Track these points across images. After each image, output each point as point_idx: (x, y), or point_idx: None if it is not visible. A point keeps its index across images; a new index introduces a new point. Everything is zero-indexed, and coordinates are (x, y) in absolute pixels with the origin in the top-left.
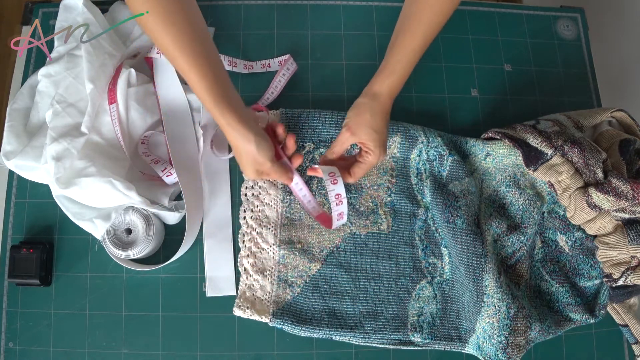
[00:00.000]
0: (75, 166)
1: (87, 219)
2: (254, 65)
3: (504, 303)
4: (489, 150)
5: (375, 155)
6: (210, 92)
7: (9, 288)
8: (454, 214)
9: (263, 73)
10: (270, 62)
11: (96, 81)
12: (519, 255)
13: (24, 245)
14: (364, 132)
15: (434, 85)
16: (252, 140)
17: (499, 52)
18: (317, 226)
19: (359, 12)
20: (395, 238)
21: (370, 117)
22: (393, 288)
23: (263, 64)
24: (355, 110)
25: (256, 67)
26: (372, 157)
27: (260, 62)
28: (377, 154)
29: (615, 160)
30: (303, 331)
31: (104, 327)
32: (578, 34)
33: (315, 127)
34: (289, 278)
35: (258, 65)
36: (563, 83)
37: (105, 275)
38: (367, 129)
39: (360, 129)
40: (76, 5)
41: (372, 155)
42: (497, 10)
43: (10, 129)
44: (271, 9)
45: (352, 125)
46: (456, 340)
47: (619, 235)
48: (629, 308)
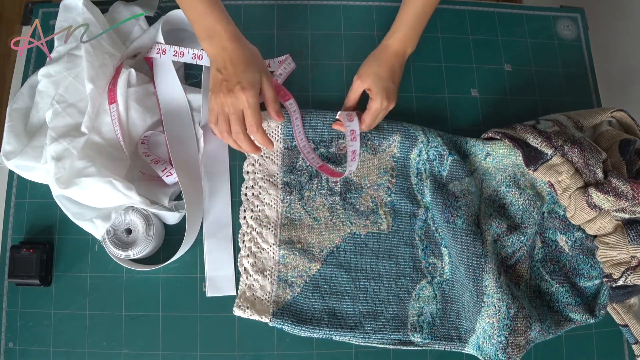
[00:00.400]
0: (75, 166)
1: (87, 219)
2: None
3: (503, 303)
4: (489, 150)
5: (378, 102)
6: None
7: (9, 288)
8: (454, 214)
9: None
10: (270, 62)
11: (96, 81)
12: (519, 255)
13: (24, 245)
14: (370, 79)
15: (434, 85)
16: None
17: (499, 52)
18: (317, 226)
19: (359, 12)
20: (395, 238)
21: (376, 66)
22: (393, 288)
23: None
24: (366, 61)
25: None
26: (375, 103)
27: None
28: (380, 101)
29: (615, 160)
30: (303, 331)
31: (104, 327)
32: (578, 34)
33: (315, 127)
34: (289, 278)
35: None
36: (563, 83)
37: (105, 275)
38: (373, 75)
39: (367, 75)
40: (76, 5)
41: (375, 102)
42: (497, 10)
43: (10, 129)
44: (271, 9)
45: (362, 73)
46: (456, 340)
47: (619, 235)
48: (629, 308)
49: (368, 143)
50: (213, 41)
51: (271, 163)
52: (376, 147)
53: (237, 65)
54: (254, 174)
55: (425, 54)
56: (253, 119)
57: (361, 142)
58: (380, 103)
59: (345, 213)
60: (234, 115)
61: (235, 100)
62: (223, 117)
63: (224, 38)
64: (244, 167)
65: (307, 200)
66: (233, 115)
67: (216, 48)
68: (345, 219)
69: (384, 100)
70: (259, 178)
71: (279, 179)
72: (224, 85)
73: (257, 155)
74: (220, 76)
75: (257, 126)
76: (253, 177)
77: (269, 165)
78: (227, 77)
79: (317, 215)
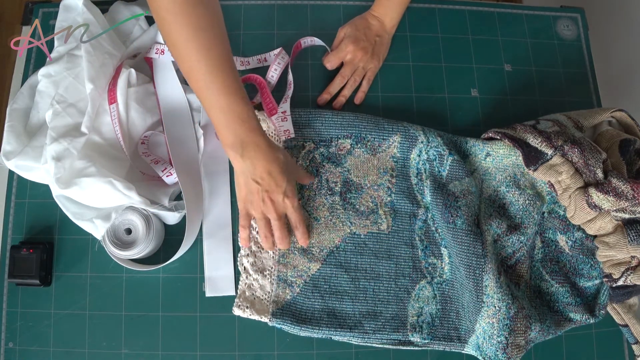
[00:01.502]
0: (75, 166)
1: (87, 219)
2: (250, 61)
3: (503, 303)
4: (489, 150)
5: (344, 43)
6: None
7: (9, 288)
8: (453, 214)
9: (259, 68)
10: (266, 56)
11: (96, 81)
12: (519, 255)
13: (24, 245)
14: (347, 26)
15: (434, 85)
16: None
17: (499, 52)
18: (317, 226)
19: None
20: (395, 238)
21: (357, 19)
22: (393, 288)
23: (259, 58)
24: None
25: (253, 63)
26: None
27: (257, 57)
28: (346, 43)
29: (615, 160)
30: (302, 331)
31: (104, 327)
32: (578, 34)
33: (315, 127)
34: (289, 278)
35: (254, 60)
36: (563, 83)
37: (105, 275)
38: (351, 25)
39: (346, 25)
40: (76, 5)
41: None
42: (497, 10)
43: (10, 129)
44: (271, 9)
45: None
46: (455, 341)
47: (619, 235)
48: (629, 308)
49: (368, 144)
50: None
51: None
52: (376, 148)
53: (278, 176)
54: None
55: (425, 54)
56: (299, 217)
57: (361, 143)
58: (346, 45)
59: (345, 213)
60: (277, 222)
61: (279, 207)
62: (264, 224)
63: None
64: None
65: (307, 200)
66: (276, 221)
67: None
68: (345, 219)
69: (350, 45)
70: None
71: None
72: (266, 195)
73: None
74: (258, 186)
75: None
76: None
77: None
78: (269, 188)
79: (317, 215)
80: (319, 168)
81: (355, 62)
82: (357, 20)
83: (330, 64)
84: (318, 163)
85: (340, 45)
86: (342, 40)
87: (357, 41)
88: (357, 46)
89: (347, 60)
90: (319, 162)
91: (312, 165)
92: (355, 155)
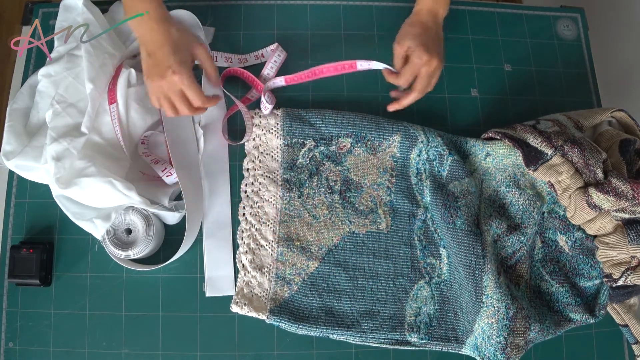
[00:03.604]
0: (75, 166)
1: (87, 219)
2: (247, 58)
3: (503, 304)
4: (489, 150)
5: (416, 55)
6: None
7: (9, 288)
8: (453, 214)
9: (257, 65)
10: (263, 52)
11: (96, 81)
12: (519, 255)
13: (24, 245)
14: (406, 38)
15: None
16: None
17: (499, 52)
18: (316, 224)
19: (359, 12)
20: (394, 238)
21: (410, 27)
22: (391, 288)
23: (256, 55)
24: (400, 28)
25: (250, 60)
26: (414, 57)
27: (254, 53)
28: (418, 54)
29: (615, 160)
30: (300, 329)
31: (104, 327)
32: (578, 34)
33: (315, 125)
34: (287, 275)
35: (252, 57)
36: (563, 83)
37: (105, 275)
38: (408, 35)
39: (402, 37)
40: (76, 5)
41: (414, 56)
42: (497, 10)
43: (10, 129)
44: (271, 9)
45: (398, 38)
46: (453, 342)
47: (619, 235)
48: (629, 308)
49: (368, 143)
50: (140, 23)
51: (271, 160)
52: (376, 147)
53: (165, 49)
54: (254, 171)
55: None
56: (194, 95)
57: (361, 142)
58: (420, 57)
59: (345, 212)
60: (174, 97)
61: (170, 83)
62: (165, 99)
63: (152, 20)
64: (244, 164)
65: (307, 198)
66: (174, 96)
67: (143, 30)
68: (344, 218)
69: (424, 54)
70: (259, 175)
71: (279, 176)
72: (156, 71)
73: (257, 152)
74: (150, 61)
75: (201, 99)
76: (253, 173)
77: (269, 162)
78: (157, 62)
79: (316, 213)
80: (319, 166)
81: (431, 72)
82: (410, 27)
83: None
84: (318, 161)
85: (412, 59)
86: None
87: (427, 47)
88: (431, 53)
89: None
90: (319, 160)
91: (312, 164)
92: (355, 154)
